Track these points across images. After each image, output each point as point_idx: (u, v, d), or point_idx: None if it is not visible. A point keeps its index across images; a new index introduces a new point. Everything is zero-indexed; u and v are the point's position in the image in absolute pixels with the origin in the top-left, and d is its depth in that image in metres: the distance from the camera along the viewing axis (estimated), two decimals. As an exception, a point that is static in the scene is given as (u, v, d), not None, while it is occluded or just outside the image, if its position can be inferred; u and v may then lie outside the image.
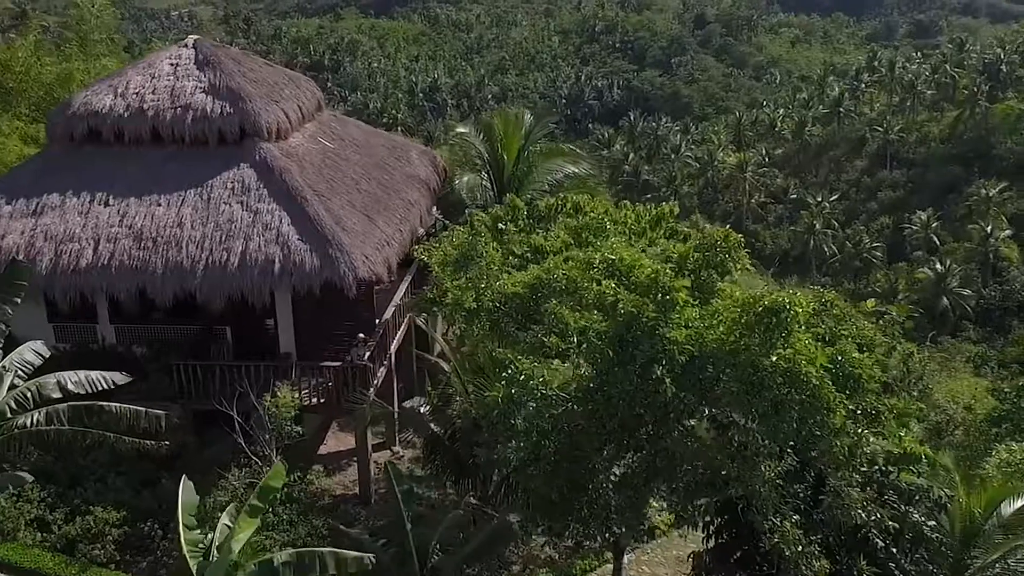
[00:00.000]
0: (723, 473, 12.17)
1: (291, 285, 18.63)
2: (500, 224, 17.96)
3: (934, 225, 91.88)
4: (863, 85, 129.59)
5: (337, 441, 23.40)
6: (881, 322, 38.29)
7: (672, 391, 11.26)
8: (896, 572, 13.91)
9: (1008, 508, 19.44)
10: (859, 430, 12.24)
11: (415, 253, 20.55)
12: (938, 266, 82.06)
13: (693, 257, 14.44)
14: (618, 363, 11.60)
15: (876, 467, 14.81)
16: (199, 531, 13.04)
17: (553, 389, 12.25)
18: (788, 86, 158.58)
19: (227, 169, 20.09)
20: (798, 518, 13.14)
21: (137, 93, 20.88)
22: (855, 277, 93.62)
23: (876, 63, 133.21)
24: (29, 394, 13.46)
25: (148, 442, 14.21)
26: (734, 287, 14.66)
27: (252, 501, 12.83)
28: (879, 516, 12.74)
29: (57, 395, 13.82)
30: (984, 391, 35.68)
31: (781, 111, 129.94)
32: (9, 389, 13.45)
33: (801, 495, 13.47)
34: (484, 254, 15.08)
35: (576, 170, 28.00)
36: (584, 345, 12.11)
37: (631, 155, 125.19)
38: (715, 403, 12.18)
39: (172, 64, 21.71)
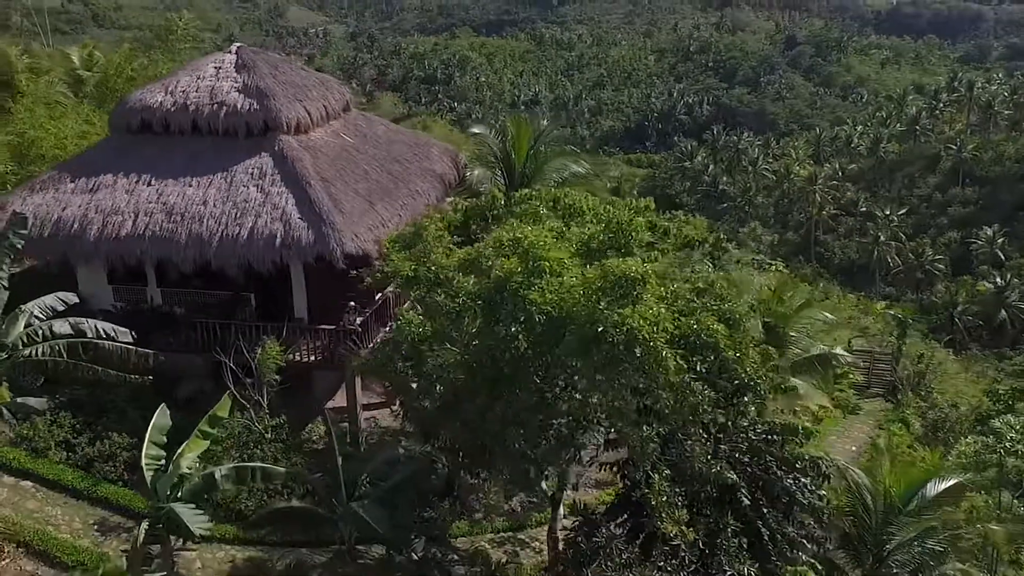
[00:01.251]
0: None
1: (289, 256, 20.03)
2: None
3: (1000, 241, 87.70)
4: (941, 105, 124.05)
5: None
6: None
7: (525, 346, 11.97)
8: (763, 530, 14.15)
9: (933, 489, 19.33)
10: (703, 388, 12.57)
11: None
12: (999, 280, 78.38)
13: (599, 238, 14.99)
14: (489, 321, 12.39)
15: (759, 433, 15.14)
16: (163, 450, 14.49)
17: (446, 346, 13.16)
18: (874, 105, 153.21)
19: (250, 157, 21.69)
20: (668, 472, 13.67)
21: (183, 91, 22.76)
22: (917, 288, 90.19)
23: (956, 83, 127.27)
24: (40, 331, 15.20)
25: (134, 376, 15.79)
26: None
27: (201, 426, 14.28)
28: (718, 469, 13.08)
29: (67, 332, 15.54)
30: (981, 392, 34.49)
31: (859, 128, 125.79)
32: (26, 327, 15.22)
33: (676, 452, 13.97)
34: (426, 236, 15.96)
35: (579, 169, 28.59)
36: (468, 306, 12.95)
37: (711, 166, 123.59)
38: (559, 362, 12.77)
39: (215, 67, 23.51)
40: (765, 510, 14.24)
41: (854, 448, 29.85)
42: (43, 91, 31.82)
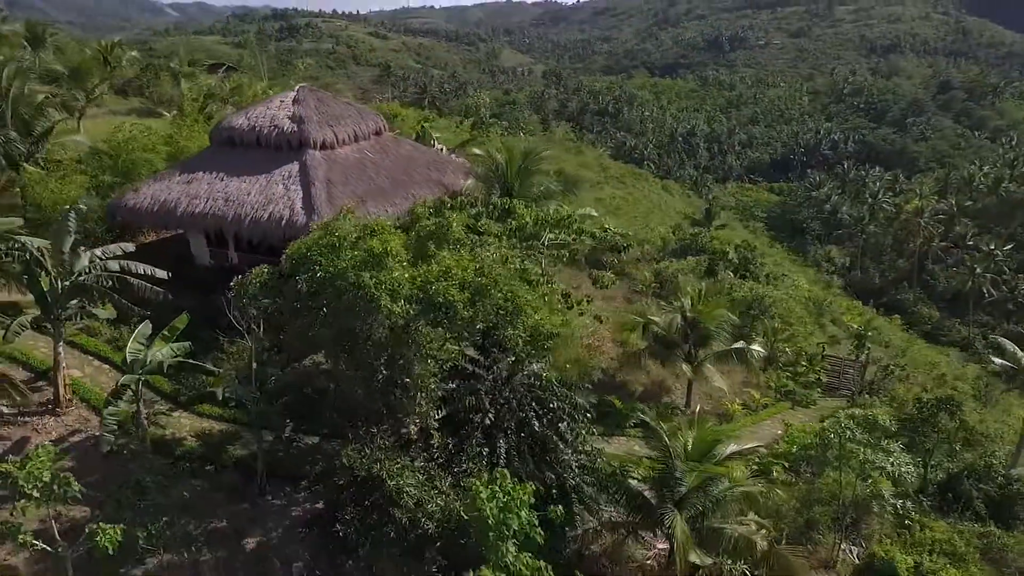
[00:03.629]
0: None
1: (290, 234, 24.17)
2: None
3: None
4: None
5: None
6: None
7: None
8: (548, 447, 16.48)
9: (724, 449, 20.42)
10: (429, 331, 15.17)
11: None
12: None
13: (426, 232, 17.82)
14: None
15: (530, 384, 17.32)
16: (140, 348, 19.01)
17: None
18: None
19: (285, 164, 26.30)
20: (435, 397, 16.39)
21: (255, 117, 27.83)
22: (1008, 317, 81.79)
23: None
24: (97, 266, 20.32)
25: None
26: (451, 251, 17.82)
27: (163, 332, 18.79)
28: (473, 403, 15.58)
29: (115, 269, 20.62)
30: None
31: (984, 168, 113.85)
32: (90, 262, 20.39)
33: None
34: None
35: (553, 186, 30.76)
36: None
37: (833, 196, 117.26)
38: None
39: (281, 101, 28.40)
40: (522, 434, 16.48)
41: (778, 431, 30.01)
42: (213, 111, 38.36)
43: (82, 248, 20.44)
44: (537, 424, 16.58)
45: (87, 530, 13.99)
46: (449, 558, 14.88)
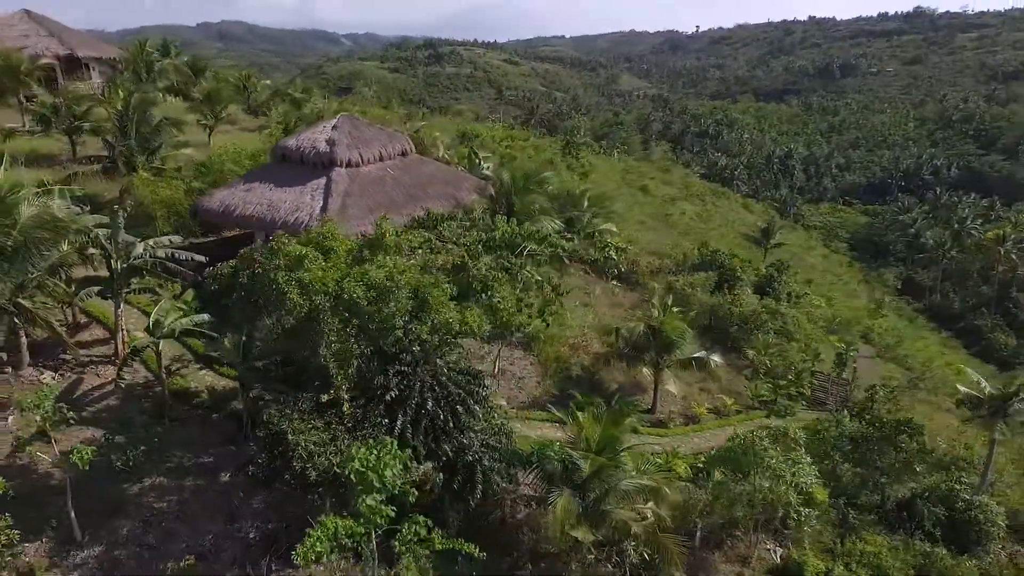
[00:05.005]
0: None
1: (307, 235, 26.87)
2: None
3: None
4: None
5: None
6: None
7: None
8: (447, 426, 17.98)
9: (625, 444, 20.89)
10: (331, 320, 16.91)
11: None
12: None
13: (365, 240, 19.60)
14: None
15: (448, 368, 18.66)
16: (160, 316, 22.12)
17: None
18: None
19: (316, 179, 28.99)
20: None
21: (303, 139, 30.77)
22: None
23: None
24: (149, 252, 23.73)
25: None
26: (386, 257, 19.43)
27: (177, 304, 21.81)
28: (382, 381, 17.20)
29: (162, 255, 23.98)
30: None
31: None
32: (144, 250, 23.85)
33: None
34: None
35: (545, 203, 31.46)
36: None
37: (919, 220, 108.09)
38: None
39: (324, 126, 31.19)
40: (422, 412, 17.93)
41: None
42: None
43: (139, 239, 23.97)
44: (431, 404, 17.93)
45: (72, 450, 16.97)
46: (335, 500, 16.66)
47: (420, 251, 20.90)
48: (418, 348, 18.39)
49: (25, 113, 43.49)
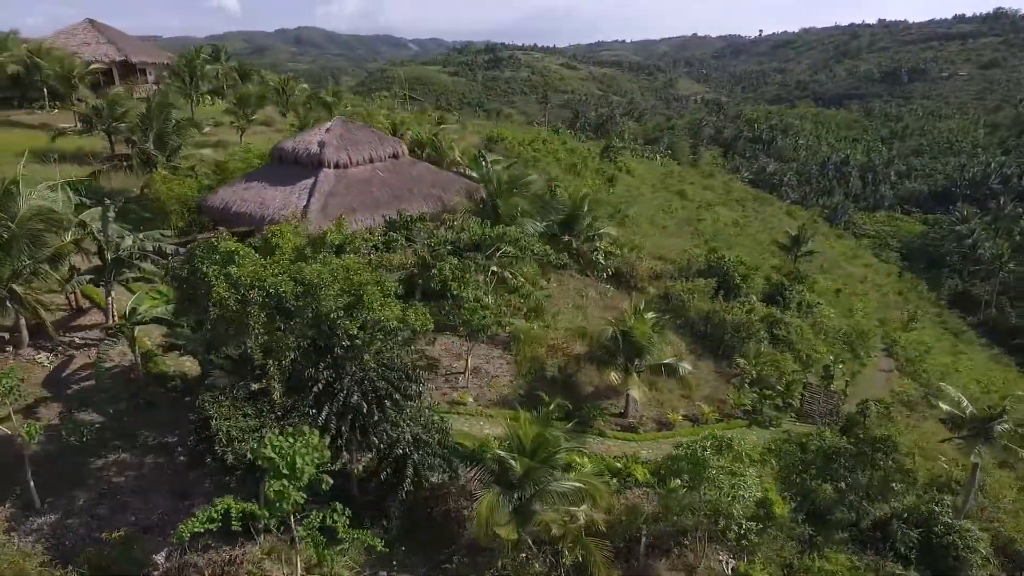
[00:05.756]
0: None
1: (289, 232, 27.72)
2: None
3: None
4: None
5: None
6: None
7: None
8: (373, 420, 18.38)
9: (559, 447, 20.66)
10: (258, 313, 17.44)
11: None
12: None
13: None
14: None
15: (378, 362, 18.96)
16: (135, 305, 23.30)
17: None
18: None
19: (305, 179, 29.86)
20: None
21: (298, 141, 31.74)
22: None
23: None
24: (137, 245, 25.05)
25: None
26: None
27: (150, 294, 22.92)
28: (311, 372, 17.70)
29: (149, 249, 25.27)
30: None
31: None
32: (132, 243, 25.19)
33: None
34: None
35: (526, 206, 31.27)
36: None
37: (977, 231, 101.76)
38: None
39: (319, 129, 32.05)
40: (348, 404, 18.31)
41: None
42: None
43: (127, 232, 25.35)
44: (356, 398, 18.26)
45: (22, 425, 18.15)
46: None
47: (378, 251, 21.25)
48: (348, 343, 18.74)
49: (76, 114, 46.47)
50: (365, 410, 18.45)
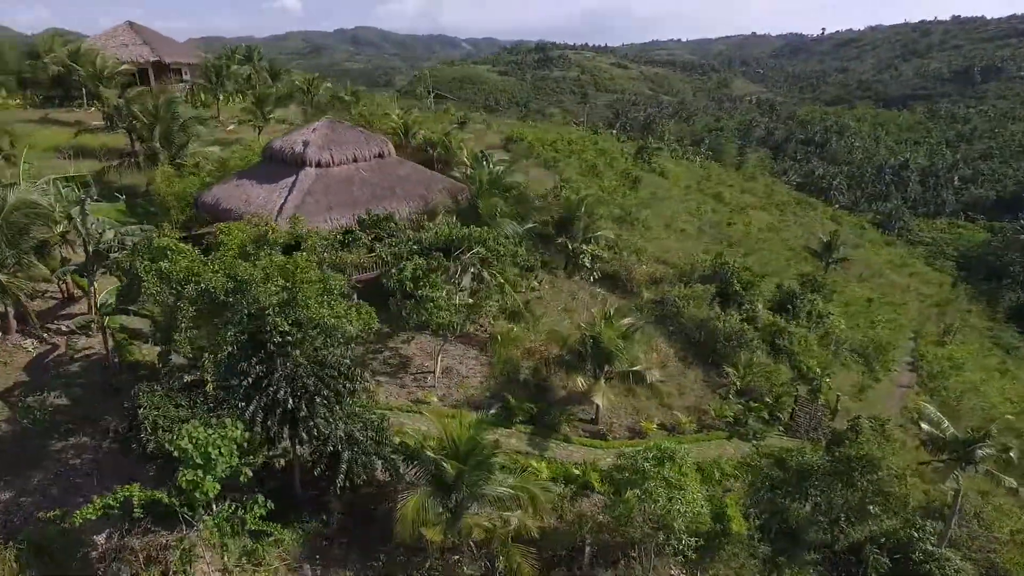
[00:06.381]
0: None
1: (266, 229, 28.45)
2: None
3: None
4: None
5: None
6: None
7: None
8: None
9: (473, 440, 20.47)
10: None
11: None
12: None
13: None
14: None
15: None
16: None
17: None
18: None
19: (288, 177, 30.56)
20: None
21: (286, 140, 32.47)
22: None
23: None
24: (118, 236, 26.16)
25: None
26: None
27: (120, 287, 23.92)
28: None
29: (130, 242, 26.35)
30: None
31: None
32: (114, 236, 26.30)
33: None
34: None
35: (505, 208, 31.05)
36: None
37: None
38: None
39: (307, 129, 32.73)
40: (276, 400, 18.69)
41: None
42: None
43: (109, 227, 26.50)
44: (283, 393, 18.61)
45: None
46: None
47: (335, 249, 21.62)
48: (279, 339, 19.10)
49: (103, 112, 48.91)
50: (291, 405, 18.78)
